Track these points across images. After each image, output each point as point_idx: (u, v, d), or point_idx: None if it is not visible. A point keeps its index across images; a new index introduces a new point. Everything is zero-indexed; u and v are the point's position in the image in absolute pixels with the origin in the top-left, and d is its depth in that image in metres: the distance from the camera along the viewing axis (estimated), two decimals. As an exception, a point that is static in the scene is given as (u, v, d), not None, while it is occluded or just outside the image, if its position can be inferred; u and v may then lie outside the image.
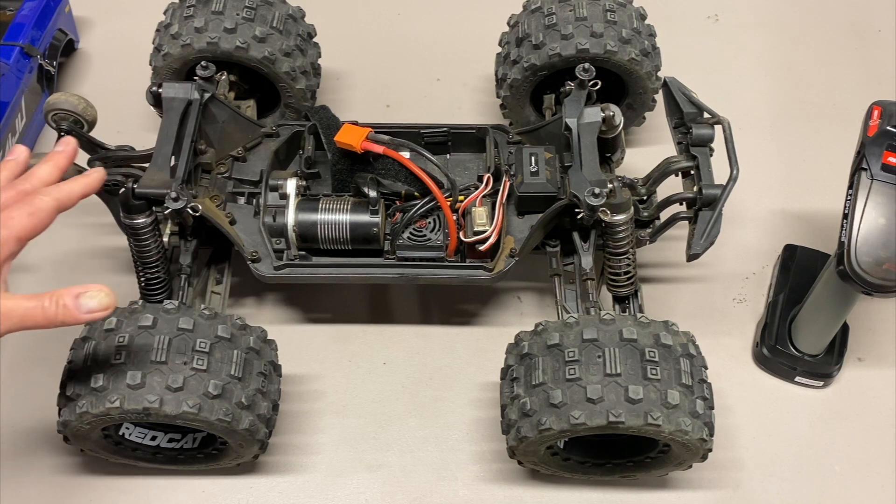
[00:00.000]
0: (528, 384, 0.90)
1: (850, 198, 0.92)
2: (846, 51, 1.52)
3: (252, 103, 1.22)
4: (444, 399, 1.11)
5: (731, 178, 0.99)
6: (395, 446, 1.08)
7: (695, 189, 1.02)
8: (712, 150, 1.04)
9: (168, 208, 0.95)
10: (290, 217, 1.02)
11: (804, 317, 1.09)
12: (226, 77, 1.18)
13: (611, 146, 1.11)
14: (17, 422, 1.07)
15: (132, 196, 0.96)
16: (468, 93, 1.45)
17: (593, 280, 1.06)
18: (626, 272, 1.03)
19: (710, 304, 1.21)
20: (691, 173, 1.04)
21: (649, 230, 1.07)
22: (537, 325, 0.94)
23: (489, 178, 1.05)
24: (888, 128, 0.93)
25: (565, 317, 0.93)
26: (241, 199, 1.08)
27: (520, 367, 0.93)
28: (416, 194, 1.07)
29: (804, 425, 1.10)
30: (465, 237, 1.01)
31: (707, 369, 0.92)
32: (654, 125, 1.33)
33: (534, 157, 1.06)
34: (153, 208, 0.99)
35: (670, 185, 1.07)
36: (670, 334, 0.90)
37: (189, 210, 0.96)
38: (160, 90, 1.05)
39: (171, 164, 1.00)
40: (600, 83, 1.10)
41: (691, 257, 1.01)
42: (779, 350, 1.11)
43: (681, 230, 1.06)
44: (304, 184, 1.07)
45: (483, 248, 1.00)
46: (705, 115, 1.05)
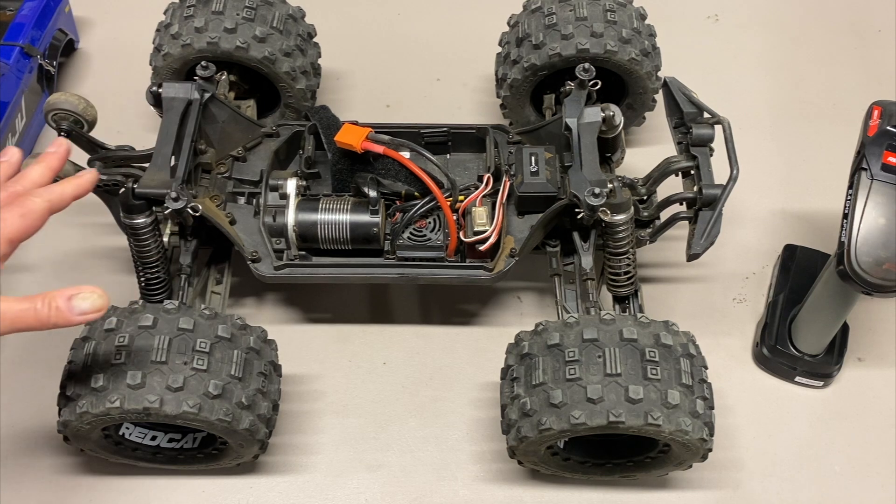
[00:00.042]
0: (528, 384, 0.90)
1: (850, 198, 0.92)
2: (846, 51, 1.52)
3: (252, 103, 1.22)
4: (444, 399, 1.11)
5: (731, 178, 0.99)
6: (395, 446, 1.08)
7: (695, 189, 1.02)
8: (712, 150, 1.04)
9: (168, 208, 0.95)
10: (290, 217, 1.02)
11: (804, 317, 1.09)
12: (226, 77, 1.18)
13: (611, 146, 1.11)
14: (17, 422, 1.07)
15: (132, 196, 0.96)
16: (468, 93, 1.44)
17: (593, 280, 1.06)
18: (626, 272, 1.04)
19: (710, 304, 1.21)
20: (691, 173, 1.04)
21: (649, 230, 1.07)
22: (537, 325, 0.94)
23: (489, 178, 1.05)
24: (888, 128, 0.93)
25: (565, 317, 0.93)
26: (241, 199, 1.08)
27: (520, 367, 0.93)
28: (416, 194, 1.07)
29: (804, 425, 1.10)
30: (466, 237, 1.01)
31: (707, 369, 0.92)
32: (654, 125, 1.33)
33: (534, 157, 1.06)
34: (153, 208, 0.99)
35: (670, 185, 1.07)
36: (670, 334, 0.90)
37: (189, 210, 0.96)
38: (160, 90, 1.05)
39: (171, 164, 1.00)
40: (600, 83, 1.10)
41: (691, 257, 1.01)
42: (779, 350, 1.11)
43: (681, 230, 1.06)
44: (304, 184, 1.07)
45: (483, 248, 1.00)
46: (705, 115, 1.05)
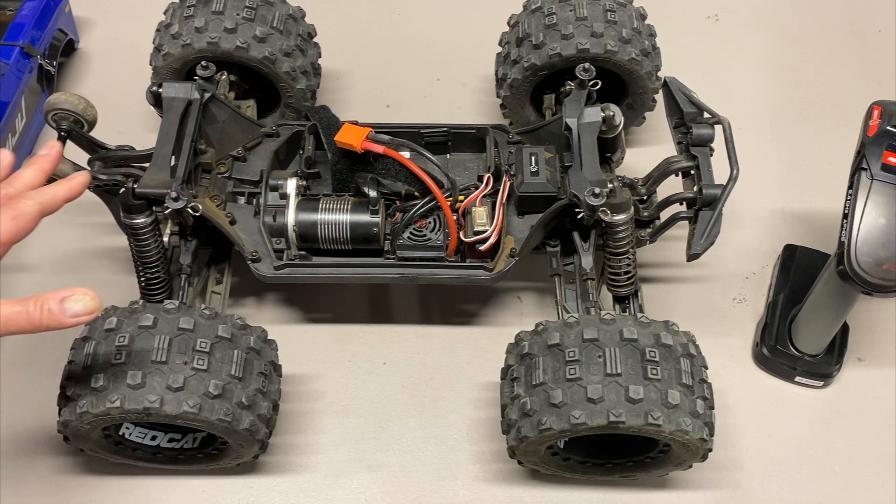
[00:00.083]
0: (528, 384, 0.90)
1: (850, 198, 0.92)
2: (846, 51, 1.52)
3: (252, 103, 1.22)
4: (444, 399, 1.11)
5: (731, 178, 0.99)
6: (395, 446, 1.08)
7: (695, 189, 1.02)
8: (712, 150, 1.04)
9: (168, 208, 0.95)
10: (291, 217, 1.02)
11: (804, 317, 1.09)
12: (226, 77, 1.18)
13: (611, 146, 1.11)
14: (17, 422, 1.07)
15: (132, 196, 0.96)
16: (468, 93, 1.44)
17: (593, 280, 1.06)
18: (626, 272, 1.04)
19: (710, 304, 1.21)
20: (691, 173, 1.04)
21: (649, 230, 1.07)
22: (537, 325, 0.94)
23: (489, 178, 1.05)
24: (888, 128, 0.93)
25: (565, 317, 0.93)
26: (242, 199, 1.08)
27: (520, 366, 0.93)
28: (417, 194, 1.07)
29: (804, 425, 1.10)
30: (466, 237, 1.01)
31: (707, 369, 0.92)
32: (654, 125, 1.33)
33: (534, 157, 1.06)
34: (153, 208, 0.99)
35: (670, 185, 1.07)
36: (670, 334, 0.90)
37: (189, 210, 0.96)
38: (160, 90, 1.05)
39: (172, 164, 1.00)
40: (600, 83, 1.10)
41: (691, 257, 1.01)
42: (779, 350, 1.11)
43: (681, 230, 1.06)
44: (305, 183, 1.07)
45: (483, 248, 1.00)
46: (705, 114, 1.05)
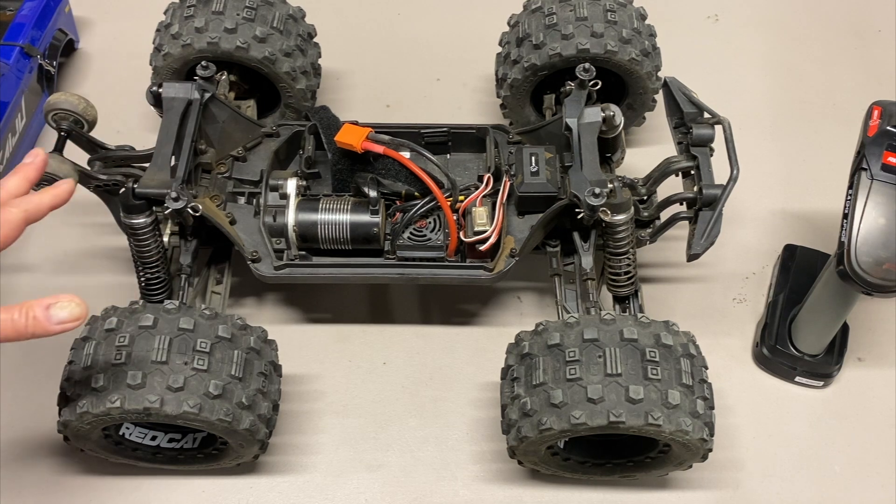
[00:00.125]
0: (528, 384, 0.90)
1: (850, 198, 0.92)
2: (846, 51, 1.52)
3: (252, 103, 1.22)
4: (444, 399, 1.11)
5: (732, 178, 0.99)
6: (395, 446, 1.08)
7: (695, 189, 1.02)
8: (712, 150, 1.04)
9: (168, 208, 0.95)
10: (291, 217, 1.02)
11: (804, 317, 1.09)
12: (226, 77, 1.18)
13: (611, 146, 1.11)
14: (17, 421, 1.07)
15: (132, 196, 0.96)
16: (468, 93, 1.44)
17: (593, 280, 1.06)
18: (626, 272, 1.04)
19: (710, 304, 1.21)
20: (691, 173, 1.04)
21: (649, 230, 1.07)
22: (538, 325, 0.94)
23: (489, 178, 1.05)
24: (888, 128, 0.93)
25: (566, 317, 0.93)
26: (242, 199, 1.08)
27: (520, 366, 0.93)
28: (417, 194, 1.07)
29: (804, 425, 1.10)
30: (466, 237, 1.01)
31: (707, 369, 0.92)
32: (654, 125, 1.33)
33: (534, 157, 1.06)
34: (153, 208, 0.99)
35: (670, 185, 1.07)
36: (671, 334, 0.90)
37: (189, 210, 0.96)
38: (160, 90, 1.05)
39: (172, 164, 1.00)
40: (600, 83, 1.10)
41: (691, 257, 1.01)
42: (779, 350, 1.11)
43: (681, 230, 1.06)
44: (305, 184, 1.07)
45: (483, 248, 1.00)
46: (705, 115, 1.05)
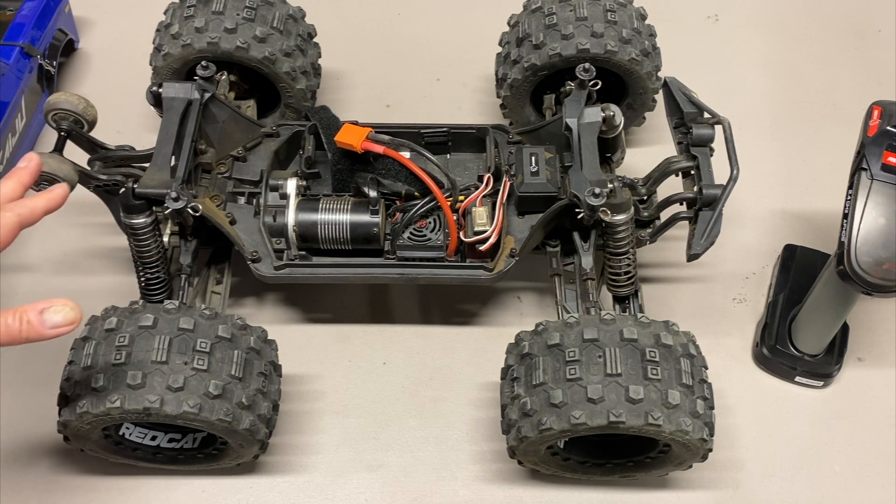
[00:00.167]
0: (528, 384, 0.90)
1: (850, 198, 0.92)
2: (846, 51, 1.52)
3: (252, 103, 1.22)
4: (444, 399, 1.11)
5: (732, 178, 0.99)
6: (395, 446, 1.08)
7: (695, 189, 1.02)
8: (712, 150, 1.04)
9: (168, 208, 0.95)
10: (291, 217, 1.02)
11: (804, 317, 1.09)
12: (226, 77, 1.18)
13: (611, 146, 1.11)
14: (17, 421, 1.07)
15: (132, 196, 0.96)
16: (468, 93, 1.44)
17: (593, 280, 1.06)
18: (626, 272, 1.04)
19: (710, 304, 1.21)
20: (691, 173, 1.04)
21: (649, 230, 1.07)
22: (537, 325, 0.94)
23: (489, 178, 1.05)
24: (888, 128, 0.93)
25: (566, 317, 0.93)
26: (242, 199, 1.08)
27: (520, 366, 0.93)
28: (417, 194, 1.07)
29: (804, 425, 1.10)
30: (466, 237, 1.01)
31: (707, 369, 0.92)
32: (654, 125, 1.33)
33: (534, 157, 1.06)
34: (153, 208, 0.99)
35: (670, 185, 1.07)
36: (671, 334, 0.90)
37: (189, 210, 0.96)
38: (160, 90, 1.05)
39: (172, 164, 1.00)
40: (600, 83, 1.10)
41: (691, 257, 1.01)
42: (779, 350, 1.11)
43: (681, 230, 1.06)
44: (305, 184, 1.07)
45: (483, 248, 1.00)
46: (705, 115, 1.05)
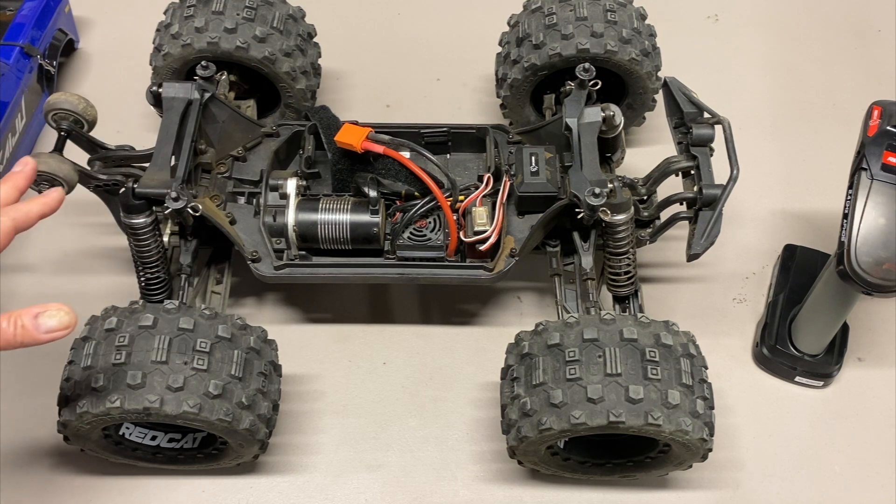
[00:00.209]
0: (528, 384, 0.90)
1: (850, 198, 0.92)
2: (846, 51, 1.52)
3: (252, 103, 1.22)
4: (444, 399, 1.11)
5: (732, 178, 0.99)
6: (395, 446, 1.08)
7: (695, 189, 1.02)
8: (712, 150, 1.04)
9: (168, 208, 0.95)
10: (291, 217, 1.02)
11: (804, 317, 1.09)
12: (226, 77, 1.18)
13: (611, 146, 1.11)
14: (17, 421, 1.07)
15: (132, 196, 0.96)
16: (468, 93, 1.44)
17: (593, 280, 1.06)
18: (626, 272, 1.04)
19: (710, 304, 1.21)
20: (691, 173, 1.04)
21: (649, 230, 1.07)
22: (537, 325, 0.94)
23: (489, 178, 1.05)
24: (888, 128, 0.93)
25: (565, 317, 0.93)
26: (242, 199, 1.08)
27: (520, 366, 0.93)
28: (417, 194, 1.07)
29: (804, 425, 1.10)
30: (466, 237, 1.01)
31: (707, 369, 0.92)
32: (654, 125, 1.33)
33: (534, 157, 1.06)
34: (153, 208, 0.99)
35: (670, 185, 1.07)
36: (671, 334, 0.90)
37: (189, 210, 0.96)
38: (160, 90, 1.05)
39: (172, 163, 1.00)
40: (600, 83, 1.10)
41: (691, 257, 1.01)
42: (779, 350, 1.11)
43: (681, 230, 1.06)
44: (305, 183, 1.07)
45: (483, 248, 1.00)
46: (705, 115, 1.05)
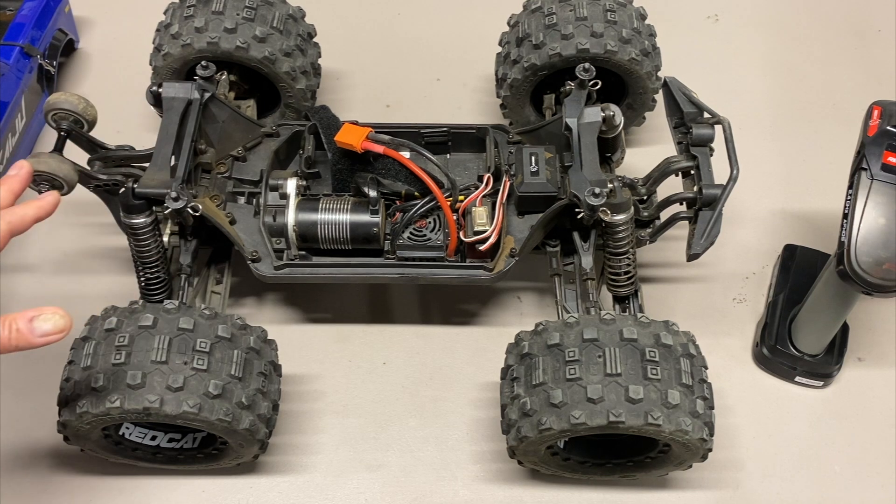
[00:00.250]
0: (528, 384, 0.90)
1: (850, 198, 0.92)
2: (846, 51, 1.52)
3: (252, 103, 1.22)
4: (444, 399, 1.11)
5: (731, 178, 0.99)
6: (395, 446, 1.08)
7: (695, 189, 1.02)
8: (712, 150, 1.04)
9: (168, 208, 0.95)
10: (291, 217, 1.02)
11: (804, 317, 1.09)
12: (226, 77, 1.18)
13: (611, 146, 1.11)
14: (17, 421, 1.07)
15: (132, 196, 0.97)
16: (468, 93, 1.44)
17: (593, 280, 1.06)
18: (626, 272, 1.04)
19: (710, 304, 1.21)
20: (691, 173, 1.04)
21: (649, 230, 1.07)
22: (537, 325, 0.94)
23: (489, 177, 1.05)
24: (888, 128, 0.93)
25: (565, 317, 0.93)
26: (241, 199, 1.08)
27: (520, 366, 0.93)
28: (417, 194, 1.07)
29: (804, 425, 1.10)
30: (466, 237, 1.01)
31: (707, 369, 0.92)
32: (654, 125, 1.33)
33: (534, 157, 1.06)
34: (153, 208, 0.99)
35: (670, 185, 1.07)
36: (670, 334, 0.90)
37: (189, 210, 0.96)
38: (160, 90, 1.05)
39: (171, 163, 1.00)
40: (600, 83, 1.10)
41: (691, 257, 1.01)
42: (779, 350, 1.11)
43: (681, 230, 1.06)
44: (305, 183, 1.07)
45: (483, 248, 1.00)
46: (705, 114, 1.05)
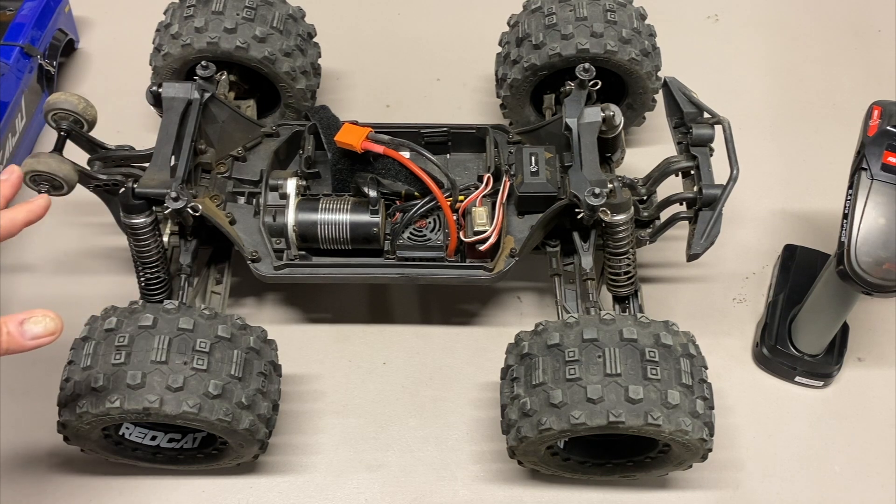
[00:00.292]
0: (528, 384, 0.90)
1: (850, 198, 0.92)
2: (846, 51, 1.52)
3: (252, 103, 1.22)
4: (444, 399, 1.11)
5: (731, 178, 0.99)
6: (395, 446, 1.08)
7: (695, 189, 1.02)
8: (712, 150, 1.04)
9: (168, 208, 0.95)
10: (290, 217, 1.02)
11: (804, 317, 1.09)
12: (226, 77, 1.18)
13: (611, 146, 1.11)
14: (17, 421, 1.07)
15: (132, 196, 0.97)
16: (468, 93, 1.44)
17: (593, 280, 1.06)
18: (626, 272, 1.04)
19: (710, 304, 1.21)
20: (691, 173, 1.04)
21: (649, 230, 1.07)
22: (537, 325, 0.94)
23: (489, 178, 1.05)
24: (888, 128, 0.93)
25: (565, 317, 0.93)
26: (241, 199, 1.08)
27: (520, 367, 0.93)
28: (416, 194, 1.07)
29: (804, 425, 1.10)
30: (466, 237, 1.01)
31: (707, 369, 0.92)
32: (654, 125, 1.33)
33: (534, 157, 1.06)
34: (153, 208, 0.99)
35: (670, 185, 1.07)
36: (670, 334, 0.90)
37: (189, 210, 0.96)
38: (160, 90, 1.05)
39: (171, 163, 1.00)
40: (600, 83, 1.10)
41: (691, 257, 1.01)
42: (779, 350, 1.11)
43: (681, 230, 1.06)
44: (304, 183, 1.07)
45: (483, 248, 1.00)
46: (705, 115, 1.05)
